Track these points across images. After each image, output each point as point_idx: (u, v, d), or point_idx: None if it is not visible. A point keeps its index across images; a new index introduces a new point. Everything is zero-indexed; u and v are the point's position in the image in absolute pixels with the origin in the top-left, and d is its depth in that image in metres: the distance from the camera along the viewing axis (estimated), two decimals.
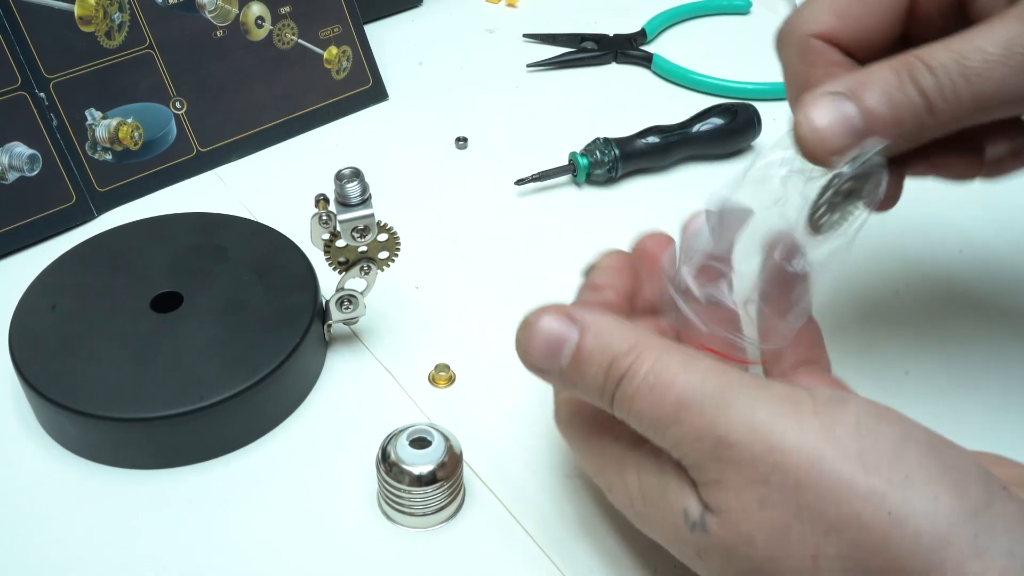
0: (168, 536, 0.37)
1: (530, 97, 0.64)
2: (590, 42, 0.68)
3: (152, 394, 0.39)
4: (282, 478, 0.39)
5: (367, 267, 0.42)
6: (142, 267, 0.44)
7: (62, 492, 0.39)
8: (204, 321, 0.42)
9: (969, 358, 0.44)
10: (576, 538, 0.37)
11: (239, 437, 0.40)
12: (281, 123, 0.59)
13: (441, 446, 0.36)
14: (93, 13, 0.52)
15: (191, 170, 0.56)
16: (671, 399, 0.28)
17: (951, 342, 0.45)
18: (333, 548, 0.37)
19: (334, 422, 0.42)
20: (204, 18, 0.56)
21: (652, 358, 0.29)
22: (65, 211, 0.52)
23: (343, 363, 0.44)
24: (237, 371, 0.39)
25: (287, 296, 0.43)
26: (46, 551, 0.37)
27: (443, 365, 0.44)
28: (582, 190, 0.55)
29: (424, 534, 0.37)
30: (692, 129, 0.56)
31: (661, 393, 0.29)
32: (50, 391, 0.39)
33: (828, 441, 0.27)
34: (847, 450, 0.26)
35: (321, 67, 0.60)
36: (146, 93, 0.54)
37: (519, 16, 0.73)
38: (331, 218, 0.39)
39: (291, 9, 0.59)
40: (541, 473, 0.39)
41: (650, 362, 0.29)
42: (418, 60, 0.67)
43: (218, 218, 0.48)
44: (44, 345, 0.41)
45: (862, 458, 0.26)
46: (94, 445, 0.40)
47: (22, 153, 0.50)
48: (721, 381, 0.28)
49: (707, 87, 0.63)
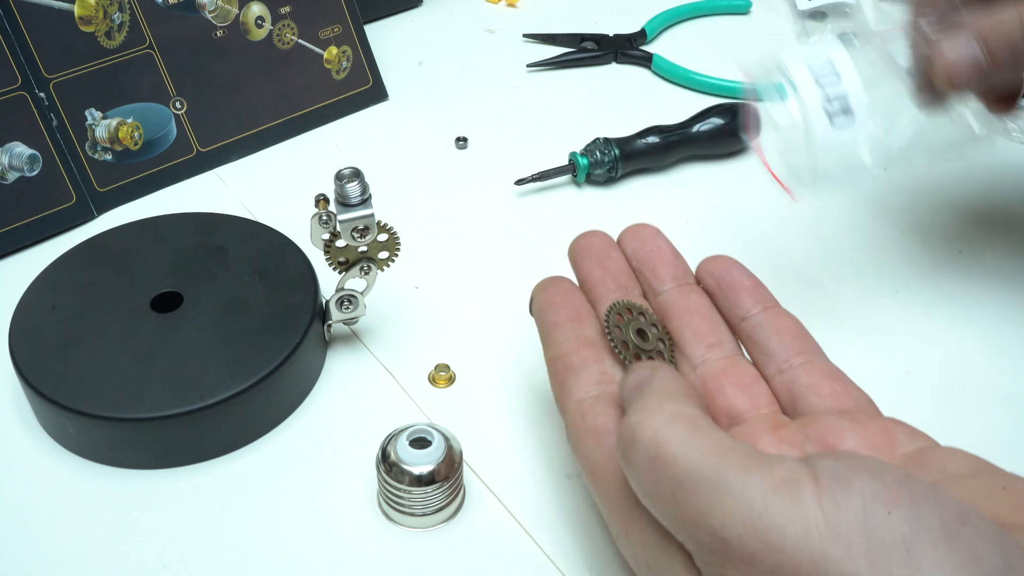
0: (168, 536, 0.37)
1: (530, 97, 0.64)
2: (590, 42, 0.68)
3: (152, 394, 0.39)
4: (282, 478, 0.39)
5: (367, 267, 0.42)
6: (142, 267, 0.44)
7: (62, 492, 0.39)
8: (204, 321, 0.42)
9: (969, 358, 0.44)
10: (576, 538, 0.37)
11: (239, 437, 0.40)
12: (281, 123, 0.59)
13: (441, 446, 0.36)
14: (93, 13, 0.52)
15: (191, 170, 0.56)
16: (669, 477, 0.26)
17: (951, 342, 0.45)
18: (333, 548, 0.37)
19: (334, 422, 0.42)
20: (204, 18, 0.56)
21: (653, 426, 0.27)
22: (65, 211, 0.52)
23: (343, 363, 0.44)
24: (237, 371, 0.39)
25: (287, 296, 0.43)
26: (46, 551, 0.37)
27: (443, 365, 0.44)
28: (582, 190, 0.55)
29: (424, 534, 0.37)
30: (692, 129, 0.56)
31: (660, 468, 0.27)
32: (50, 391, 0.39)
33: (833, 538, 0.24)
34: (853, 547, 0.24)
35: (321, 67, 0.60)
36: (146, 93, 0.54)
37: (519, 16, 0.73)
38: (331, 218, 0.39)
39: (291, 9, 0.59)
40: (541, 473, 0.39)
41: (651, 430, 0.27)
42: (418, 60, 0.67)
43: (218, 218, 0.48)
44: (44, 345, 0.41)
45: (870, 555, 0.24)
46: (94, 445, 0.40)
47: (22, 153, 0.50)
48: (719, 462, 0.26)
49: (707, 87, 0.63)
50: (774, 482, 0.25)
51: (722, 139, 0.56)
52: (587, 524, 0.37)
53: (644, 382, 0.30)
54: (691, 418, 0.28)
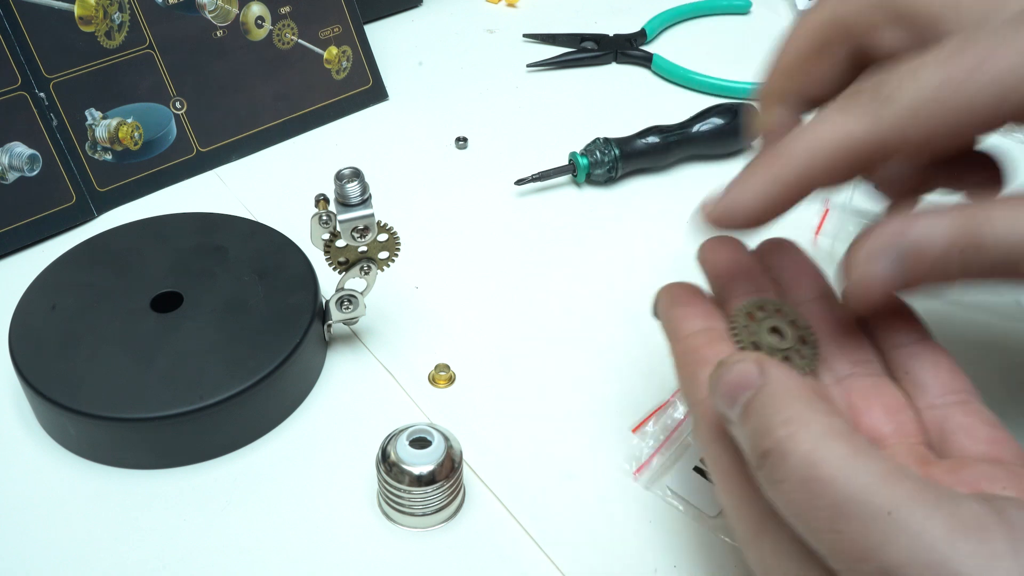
0: (168, 536, 0.37)
1: (530, 97, 0.64)
2: (590, 42, 0.68)
3: (152, 394, 0.39)
4: (282, 478, 0.39)
5: (367, 267, 0.42)
6: (142, 267, 0.44)
7: (62, 492, 0.39)
8: (204, 321, 0.42)
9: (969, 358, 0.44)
10: (576, 538, 0.37)
11: (239, 437, 0.40)
12: (281, 123, 0.59)
13: (441, 446, 0.36)
14: (93, 13, 0.52)
15: (191, 170, 0.56)
16: (828, 502, 0.24)
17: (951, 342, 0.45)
18: (333, 548, 0.37)
19: (334, 422, 0.42)
20: (204, 18, 0.56)
21: (808, 441, 0.24)
22: (65, 211, 0.52)
23: (343, 363, 0.44)
24: (237, 371, 0.39)
25: (287, 296, 0.43)
26: (46, 551, 0.37)
27: (443, 365, 0.44)
28: (582, 190, 0.55)
29: (424, 534, 0.37)
30: (692, 129, 0.56)
31: (816, 491, 0.24)
32: (50, 391, 0.39)
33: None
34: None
35: (321, 67, 0.60)
36: (146, 93, 0.54)
37: (519, 16, 0.73)
38: (331, 218, 0.39)
39: (291, 9, 0.59)
40: (541, 473, 0.39)
41: (806, 447, 0.24)
42: (418, 60, 0.67)
43: (218, 218, 0.48)
44: (44, 345, 0.41)
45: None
46: (94, 445, 0.40)
47: (22, 153, 0.50)
48: (892, 492, 0.23)
49: (707, 87, 0.63)
50: (960, 523, 0.23)
51: (722, 139, 0.56)
52: (587, 524, 0.37)
53: (750, 381, 0.27)
54: (847, 435, 0.25)
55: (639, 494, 0.38)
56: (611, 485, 0.39)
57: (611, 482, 0.39)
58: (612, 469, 0.39)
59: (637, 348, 0.45)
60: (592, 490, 0.39)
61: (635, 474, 0.39)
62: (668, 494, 0.38)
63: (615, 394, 0.42)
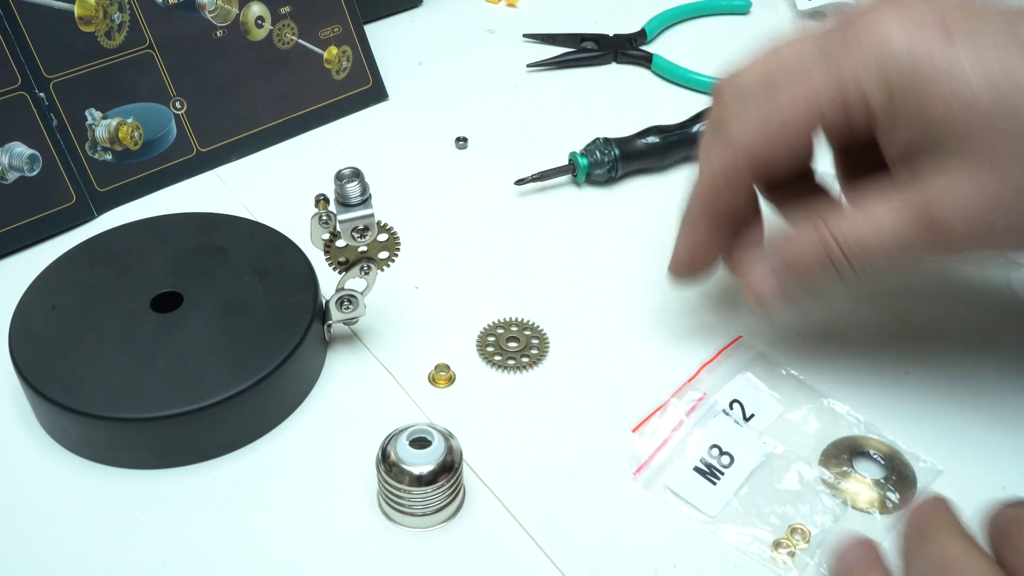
0: (168, 536, 0.37)
1: (530, 97, 0.64)
2: (590, 42, 0.68)
3: (152, 394, 0.39)
4: (282, 478, 0.39)
5: (367, 267, 0.42)
6: (142, 267, 0.44)
7: (62, 492, 0.39)
8: (204, 321, 0.42)
9: (969, 358, 0.44)
10: (576, 538, 0.37)
11: (239, 437, 0.40)
12: (281, 123, 0.59)
13: (441, 446, 0.36)
14: (93, 13, 0.52)
15: (191, 170, 0.56)
16: None
17: (951, 342, 0.45)
18: (333, 548, 0.37)
19: (334, 422, 0.42)
20: (204, 18, 0.56)
21: None
22: (65, 211, 0.52)
23: (343, 363, 0.44)
24: (237, 371, 0.39)
25: (287, 296, 0.43)
26: (46, 551, 0.37)
27: (443, 365, 0.44)
28: (582, 190, 0.55)
29: (424, 534, 0.37)
30: (692, 129, 0.56)
31: None
32: (50, 391, 0.39)
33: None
34: None
35: (321, 67, 0.60)
36: (146, 93, 0.54)
37: (519, 16, 0.73)
38: (331, 218, 0.39)
39: (291, 9, 0.59)
40: (541, 473, 0.39)
41: None
42: (418, 60, 0.67)
43: (218, 218, 0.48)
44: (44, 345, 0.41)
45: None
46: (94, 445, 0.40)
47: (22, 153, 0.50)
48: None
49: (707, 87, 0.63)
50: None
51: None
52: (587, 524, 0.37)
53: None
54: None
55: (639, 494, 0.38)
56: (611, 485, 0.39)
57: (611, 482, 0.39)
58: (612, 469, 0.39)
59: (637, 348, 0.45)
60: (592, 490, 0.39)
61: (635, 474, 0.39)
62: (668, 494, 0.38)
63: (615, 394, 0.42)
